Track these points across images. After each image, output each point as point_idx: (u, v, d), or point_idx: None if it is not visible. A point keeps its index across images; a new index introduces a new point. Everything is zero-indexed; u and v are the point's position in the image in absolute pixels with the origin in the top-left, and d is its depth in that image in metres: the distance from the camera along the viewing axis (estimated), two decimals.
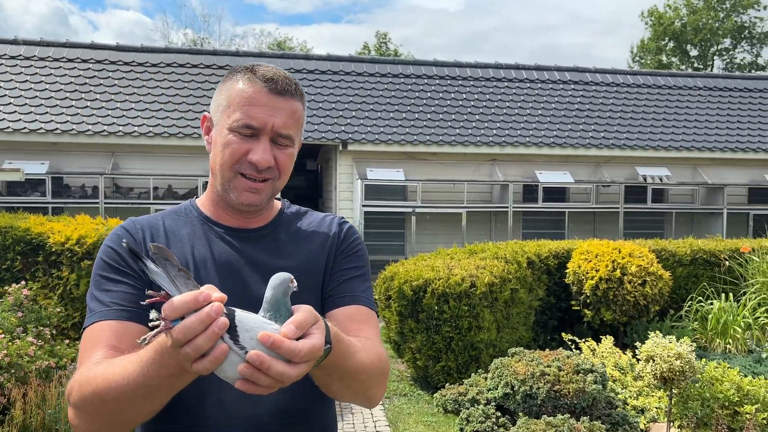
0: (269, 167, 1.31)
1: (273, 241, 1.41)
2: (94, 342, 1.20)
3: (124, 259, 1.29)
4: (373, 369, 1.26)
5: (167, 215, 1.43)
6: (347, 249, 1.45)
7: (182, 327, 0.91)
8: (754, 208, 12.13)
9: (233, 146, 1.30)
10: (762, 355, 5.68)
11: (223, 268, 1.34)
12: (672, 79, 14.26)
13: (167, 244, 1.35)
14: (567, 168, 12.11)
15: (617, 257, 6.20)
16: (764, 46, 34.59)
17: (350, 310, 1.37)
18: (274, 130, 1.30)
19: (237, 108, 1.30)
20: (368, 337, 1.34)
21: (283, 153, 1.33)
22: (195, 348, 0.91)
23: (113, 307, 1.23)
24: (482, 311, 5.45)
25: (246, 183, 1.32)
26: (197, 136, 10.72)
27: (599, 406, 3.00)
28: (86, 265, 5.53)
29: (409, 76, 12.85)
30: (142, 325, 1.21)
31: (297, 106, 1.34)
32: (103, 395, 1.07)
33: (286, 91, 1.31)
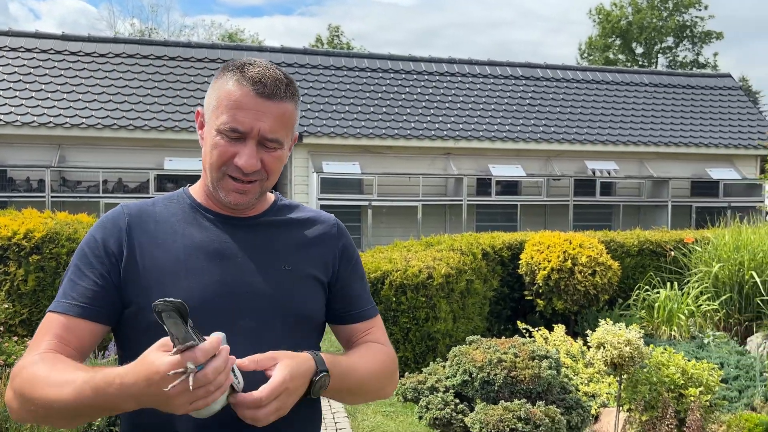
0: (256, 170, 1.32)
1: (266, 230, 1.42)
2: (47, 329, 1.27)
3: (104, 250, 1.32)
4: (380, 374, 1.42)
5: (159, 201, 1.43)
6: (350, 258, 1.50)
7: (214, 369, 1.03)
8: (697, 201, 12.61)
9: (220, 149, 1.31)
10: (704, 340, 5.94)
11: (214, 255, 1.34)
12: (619, 75, 14.66)
13: (156, 230, 1.36)
14: (519, 162, 12.33)
15: (568, 248, 6.37)
16: (705, 45, 35.86)
17: (365, 324, 1.50)
18: (260, 134, 1.30)
19: (224, 110, 1.30)
20: (377, 339, 1.49)
21: (270, 155, 1.33)
22: (217, 384, 1.05)
23: (71, 302, 1.28)
24: (439, 302, 5.53)
25: (233, 184, 1.33)
26: (148, 129, 10.51)
27: (554, 391, 3.09)
28: (34, 260, 5.38)
29: (364, 69, 12.87)
30: (94, 322, 1.28)
31: (286, 108, 1.33)
32: (36, 403, 1.15)
33: (275, 95, 1.30)
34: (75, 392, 1.11)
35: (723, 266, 6.63)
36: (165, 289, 1.27)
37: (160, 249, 1.33)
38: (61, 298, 1.29)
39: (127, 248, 1.32)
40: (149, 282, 1.29)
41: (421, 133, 11.83)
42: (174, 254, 1.32)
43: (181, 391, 1.02)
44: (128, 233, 1.34)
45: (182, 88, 11.40)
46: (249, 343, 1.27)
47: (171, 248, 1.33)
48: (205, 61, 12.07)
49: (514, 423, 2.79)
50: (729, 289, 6.57)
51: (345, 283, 1.48)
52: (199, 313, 1.22)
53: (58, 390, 1.13)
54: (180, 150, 10.81)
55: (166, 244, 1.34)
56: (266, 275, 1.35)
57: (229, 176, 1.32)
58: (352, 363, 1.36)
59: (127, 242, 1.32)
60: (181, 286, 1.28)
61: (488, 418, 2.86)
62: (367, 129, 11.62)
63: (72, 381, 1.13)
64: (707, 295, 6.62)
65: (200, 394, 1.03)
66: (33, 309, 5.44)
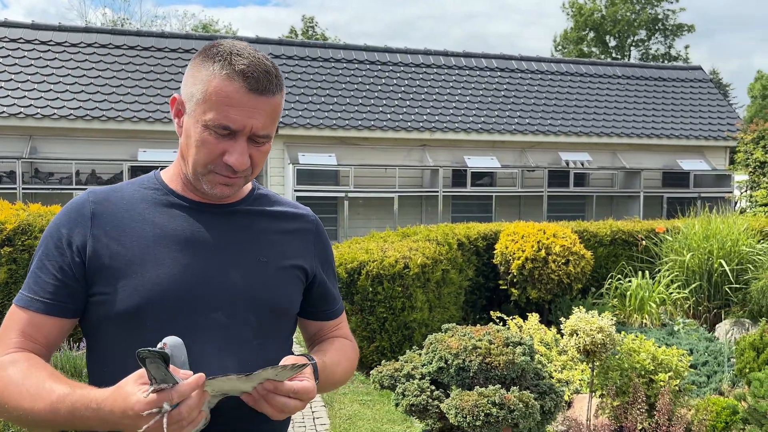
0: None
1: (242, 220, 1.37)
2: (13, 324, 1.25)
3: (66, 241, 1.27)
4: (350, 370, 1.50)
5: (128, 186, 1.37)
6: (327, 256, 1.51)
7: (187, 408, 1.04)
8: (668, 192, 12.83)
9: (209, 147, 1.24)
10: (674, 327, 6.07)
11: (185, 245, 1.29)
12: (593, 67, 14.82)
13: (123, 218, 1.30)
14: (494, 153, 12.43)
15: (542, 238, 6.46)
16: (677, 38, 36.37)
17: (335, 321, 1.55)
18: (252, 132, 1.24)
19: (213, 106, 1.22)
20: (344, 335, 1.55)
21: (259, 150, 1.28)
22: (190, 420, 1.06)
23: (38, 298, 1.25)
24: (415, 292, 5.58)
25: (220, 178, 1.28)
26: (121, 120, 10.38)
27: (528, 377, 3.16)
28: (6, 252, 5.31)
29: (340, 60, 12.84)
30: (59, 317, 1.26)
31: (277, 102, 1.27)
32: (9, 410, 1.16)
33: (267, 90, 1.24)
34: (49, 407, 1.12)
35: (693, 255, 6.78)
36: (132, 280, 1.23)
37: (127, 238, 1.27)
38: (26, 292, 1.26)
39: (92, 239, 1.26)
40: (116, 273, 1.24)
41: (397, 125, 11.85)
42: (142, 243, 1.27)
43: (154, 429, 1.03)
44: (93, 222, 1.28)
45: (156, 78, 11.27)
46: (219, 337, 1.25)
47: (139, 237, 1.27)
48: (179, 51, 11.94)
49: (488, 408, 2.84)
50: (698, 277, 6.72)
51: (322, 283, 1.48)
52: (168, 305, 1.21)
53: (32, 402, 1.13)
54: (154, 141, 10.70)
55: (134, 232, 1.28)
56: (240, 267, 1.31)
57: (215, 172, 1.27)
58: (331, 365, 1.40)
59: (91, 232, 1.27)
60: (148, 276, 1.24)
61: (463, 403, 2.91)
62: (343, 120, 11.61)
63: (47, 395, 1.13)
64: (677, 283, 6.76)
65: (173, 430, 1.04)
66: (5, 302, 5.37)
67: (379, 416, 4.71)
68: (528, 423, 2.92)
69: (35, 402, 1.13)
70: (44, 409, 1.12)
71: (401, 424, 4.55)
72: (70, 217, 1.30)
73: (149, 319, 1.21)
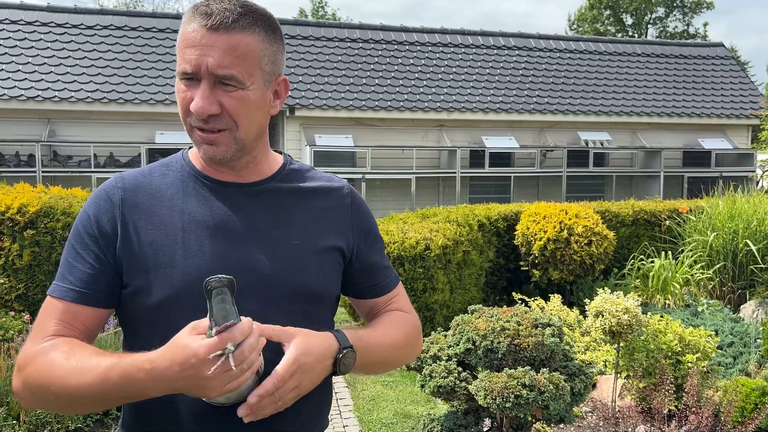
0: (213, 115, 1.17)
1: (272, 198, 1.30)
2: (50, 315, 1.21)
3: (97, 228, 1.22)
4: (404, 345, 1.38)
5: (157, 169, 1.32)
6: (368, 230, 1.42)
7: (249, 346, 1.02)
8: (689, 171, 12.65)
9: (180, 95, 1.20)
10: (698, 308, 6.00)
11: (215, 231, 1.23)
12: (612, 45, 14.58)
13: (152, 204, 1.25)
14: (512, 133, 12.30)
15: (564, 218, 6.38)
16: (695, 15, 35.69)
17: (388, 296, 1.44)
18: (209, 71, 1.14)
19: (179, 52, 1.18)
20: (400, 308, 1.44)
21: (229, 96, 1.17)
22: (249, 363, 1.03)
23: (73, 288, 1.20)
24: (436, 273, 5.54)
25: (199, 136, 1.20)
26: (138, 102, 10.38)
27: (557, 359, 3.12)
28: (29, 235, 5.34)
29: (356, 40, 12.72)
30: (94, 307, 1.21)
31: (240, 40, 1.16)
32: (57, 392, 1.10)
33: (222, 25, 1.14)
34: (99, 378, 1.07)
35: (717, 235, 6.68)
36: (161, 270, 1.18)
37: (156, 226, 1.22)
38: (60, 282, 1.21)
39: (121, 226, 1.22)
40: (145, 263, 1.19)
41: (414, 105, 11.75)
42: (171, 231, 1.22)
43: (220, 373, 1.00)
44: (122, 209, 1.23)
45: (172, 60, 11.24)
46: None
47: (168, 224, 1.22)
48: None
49: (518, 390, 2.81)
50: (723, 257, 6.62)
51: (364, 257, 1.38)
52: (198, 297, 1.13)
53: (79, 378, 1.08)
54: (171, 123, 10.69)
55: (162, 219, 1.23)
56: (272, 251, 1.24)
57: (195, 128, 1.20)
58: (375, 337, 1.30)
59: (120, 219, 1.22)
60: (178, 267, 1.19)
61: (493, 385, 2.88)
62: (360, 101, 11.53)
63: (94, 366, 1.08)
64: (701, 263, 6.67)
65: (234, 374, 1.01)
66: (29, 284, 5.41)
67: (402, 397, 4.71)
68: (558, 405, 2.89)
69: (83, 377, 1.07)
70: (93, 381, 1.07)
71: (424, 405, 4.54)
72: (99, 204, 1.25)
73: (179, 312, 1.15)
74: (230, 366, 0.99)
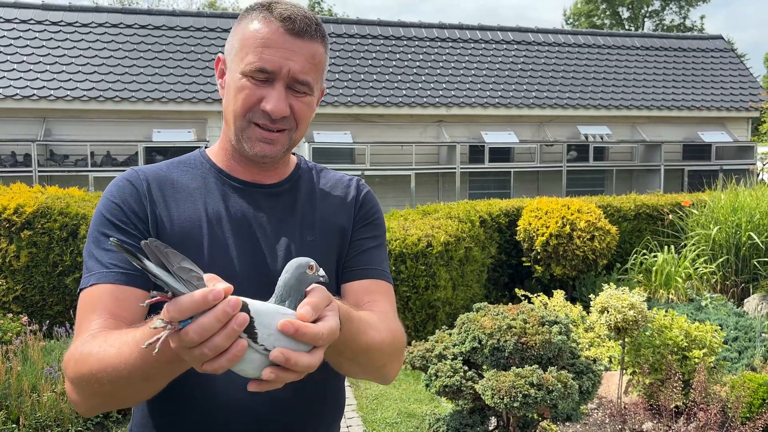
0: (284, 117, 1.19)
1: (291, 199, 1.31)
2: (92, 307, 1.11)
3: (126, 214, 1.18)
4: (386, 346, 1.19)
5: (174, 165, 1.29)
6: (366, 216, 1.37)
7: (197, 327, 0.80)
8: (689, 164, 12.59)
9: (246, 92, 1.18)
10: (701, 303, 5.95)
11: (238, 226, 1.23)
12: (611, 38, 14.51)
13: (175, 197, 1.23)
14: (511, 128, 12.24)
15: (566, 213, 6.33)
16: (691, 8, 35.62)
17: (366, 283, 1.30)
18: (290, 75, 1.17)
19: (250, 50, 1.17)
20: (383, 311, 1.27)
21: (300, 101, 1.21)
22: (213, 347, 0.82)
23: (113, 269, 1.12)
24: (438, 270, 5.49)
25: (260, 133, 1.20)
26: (135, 100, 10.30)
27: (564, 357, 3.07)
28: (26, 235, 5.27)
29: (353, 36, 12.64)
30: (142, 289, 1.12)
31: (317, 49, 1.21)
32: (100, 377, 0.99)
33: (305, 32, 1.18)
34: (137, 347, 0.94)
35: (720, 229, 6.63)
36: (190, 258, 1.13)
37: (182, 215, 1.20)
38: (99, 269, 1.12)
39: (151, 211, 1.19)
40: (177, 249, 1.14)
41: (413, 101, 11.69)
42: (197, 222, 1.20)
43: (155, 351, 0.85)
44: (149, 195, 1.20)
45: (168, 57, 11.16)
46: None
47: (193, 216, 1.21)
48: (190, 29, 11.80)
49: (526, 389, 2.76)
50: (726, 251, 6.58)
51: (355, 239, 1.33)
52: None
53: (119, 355, 0.97)
54: (168, 121, 10.62)
55: (185, 214, 1.21)
56: (287, 248, 1.24)
57: (255, 124, 1.20)
58: (363, 322, 1.13)
59: (149, 204, 1.19)
60: (205, 257, 1.17)
61: (500, 384, 2.83)
62: (358, 97, 11.46)
63: (131, 339, 0.96)
64: (704, 257, 6.62)
65: (196, 355, 0.83)
66: (27, 285, 5.35)
67: (405, 396, 4.66)
68: (567, 404, 2.84)
69: (121, 354, 0.96)
70: (131, 355, 0.95)
71: (428, 404, 4.50)
72: (124, 191, 1.21)
73: None
74: (156, 346, 0.84)
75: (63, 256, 5.36)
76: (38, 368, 4.15)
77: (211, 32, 11.85)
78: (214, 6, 34.68)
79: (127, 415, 4.12)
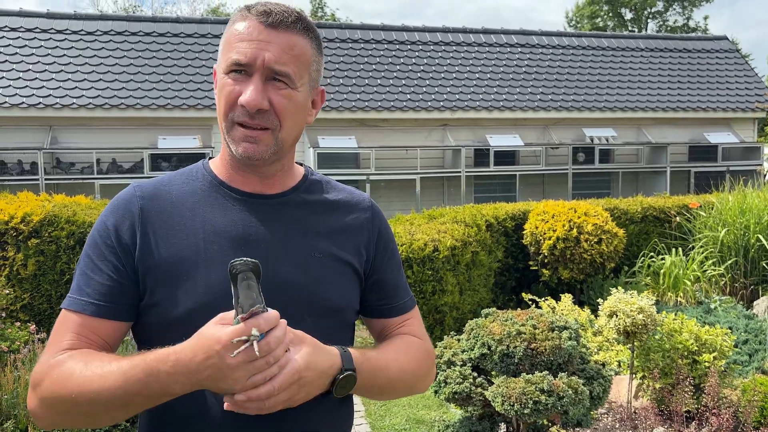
0: (261, 111, 1.15)
1: (295, 210, 1.27)
2: (66, 327, 1.16)
3: (116, 237, 1.18)
4: (414, 372, 1.30)
5: (178, 177, 1.28)
6: (386, 245, 1.37)
7: (274, 338, 0.99)
8: (695, 166, 12.54)
9: (227, 89, 1.17)
10: (711, 305, 5.92)
11: (238, 241, 1.20)
12: (615, 41, 14.48)
13: (172, 213, 1.21)
14: (516, 131, 12.22)
15: (573, 217, 6.31)
16: (695, 8, 35.52)
17: (404, 317, 1.38)
18: (265, 65, 1.14)
19: (230, 48, 1.17)
20: (413, 332, 1.36)
21: (279, 94, 1.16)
22: (275, 358, 1.00)
23: (90, 300, 1.16)
24: (445, 275, 5.47)
25: (242, 132, 1.17)
26: (140, 107, 10.33)
27: (574, 362, 3.05)
28: (33, 244, 5.28)
29: (357, 40, 12.65)
30: (113, 320, 1.17)
31: (297, 41, 1.18)
32: (78, 400, 1.05)
33: (281, 23, 1.16)
34: (122, 378, 1.02)
35: (728, 231, 6.59)
36: (184, 283, 1.14)
37: (177, 235, 1.19)
38: (76, 294, 1.16)
39: (141, 236, 1.18)
40: (167, 275, 1.15)
41: (417, 105, 11.68)
42: (193, 241, 1.18)
43: (243, 361, 0.96)
44: (141, 218, 1.19)
45: (173, 65, 11.19)
46: None
47: (189, 234, 1.19)
48: (194, 36, 11.83)
49: (537, 395, 2.74)
50: (734, 253, 6.54)
51: (381, 273, 1.34)
52: (220, 307, 1.07)
53: (100, 382, 1.03)
54: (173, 128, 10.64)
55: (184, 229, 1.19)
56: (294, 264, 1.21)
57: (237, 124, 1.18)
58: (383, 360, 1.23)
59: (140, 229, 1.18)
60: (200, 280, 1.15)
61: (510, 391, 2.81)
62: (362, 102, 11.46)
63: (116, 369, 1.03)
64: (712, 260, 6.59)
65: (259, 366, 0.98)
66: (34, 294, 5.35)
67: (413, 402, 4.64)
68: (578, 410, 2.82)
69: (104, 380, 1.03)
70: (115, 384, 1.02)
71: (437, 410, 4.48)
72: (118, 213, 1.21)
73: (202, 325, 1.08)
74: (254, 354, 0.96)
75: (70, 264, 5.36)
76: None
77: (216, 39, 11.87)
78: (217, 12, 34.83)
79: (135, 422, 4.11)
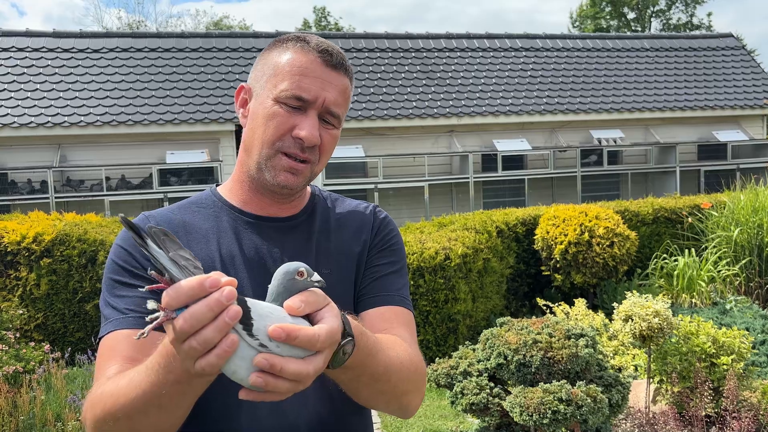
0: (313, 147, 1.18)
1: (306, 231, 1.28)
2: (111, 353, 1.08)
3: (138, 260, 1.15)
4: (405, 369, 1.12)
5: (185, 207, 1.27)
6: (383, 242, 1.32)
7: (188, 315, 0.77)
8: (705, 165, 12.46)
9: (279, 119, 1.16)
10: (726, 306, 5.86)
11: (254, 264, 1.20)
12: (620, 41, 14.45)
13: (187, 240, 1.20)
14: (523, 135, 12.19)
15: (584, 221, 6.27)
16: (698, 6, 35.39)
17: (383, 310, 1.24)
18: (324, 105, 1.18)
19: (286, 77, 1.17)
20: (401, 335, 1.20)
21: (328, 133, 1.21)
22: (202, 341, 0.77)
23: (129, 315, 1.11)
24: (457, 283, 5.45)
25: (287, 162, 1.18)
26: (147, 123, 10.37)
27: (592, 369, 3.02)
28: (46, 264, 5.30)
29: (361, 49, 12.68)
30: (159, 332, 1.09)
31: (347, 84, 1.23)
32: (114, 413, 0.96)
33: (340, 66, 1.21)
34: (145, 372, 0.92)
35: (741, 230, 6.54)
36: None
37: None
38: (115, 316, 1.11)
39: None
40: None
41: (423, 112, 11.68)
42: (209, 265, 1.17)
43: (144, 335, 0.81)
44: None
45: (179, 79, 11.24)
46: None
47: (205, 258, 1.18)
48: (199, 50, 11.89)
49: (555, 405, 2.71)
50: (748, 252, 6.48)
51: (371, 265, 1.28)
52: None
53: (128, 383, 0.94)
54: (181, 143, 10.69)
55: (200, 254, 1.18)
56: None
57: (282, 153, 1.17)
58: (379, 341, 1.06)
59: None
60: None
61: (528, 401, 2.78)
62: (368, 111, 11.47)
63: (142, 367, 0.94)
64: (726, 260, 6.53)
65: (185, 349, 0.79)
66: (48, 313, 5.37)
67: (430, 413, 4.61)
68: (597, 418, 2.79)
69: (131, 382, 0.94)
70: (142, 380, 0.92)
71: (453, 420, 4.44)
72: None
73: None
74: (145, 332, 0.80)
75: (83, 282, 5.38)
76: (62, 397, 4.15)
77: (221, 52, 11.93)
78: (220, 25, 35.03)
79: None
